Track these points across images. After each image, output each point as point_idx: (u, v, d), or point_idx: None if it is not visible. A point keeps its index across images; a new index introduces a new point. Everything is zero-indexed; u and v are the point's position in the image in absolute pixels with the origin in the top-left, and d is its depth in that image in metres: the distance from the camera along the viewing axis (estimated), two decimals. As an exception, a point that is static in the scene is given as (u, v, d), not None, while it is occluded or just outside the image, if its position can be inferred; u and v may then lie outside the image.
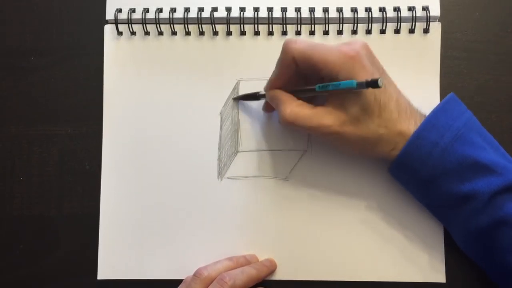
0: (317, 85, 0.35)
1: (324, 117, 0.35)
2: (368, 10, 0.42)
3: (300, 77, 0.37)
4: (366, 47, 0.35)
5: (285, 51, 0.36)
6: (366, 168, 0.42)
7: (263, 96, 0.40)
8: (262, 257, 0.42)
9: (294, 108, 0.36)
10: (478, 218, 0.34)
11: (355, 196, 0.41)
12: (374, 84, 0.31)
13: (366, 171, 0.42)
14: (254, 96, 0.41)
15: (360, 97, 0.34)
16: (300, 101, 0.37)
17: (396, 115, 0.35)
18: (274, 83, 0.38)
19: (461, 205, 0.35)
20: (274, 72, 0.38)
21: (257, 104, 0.43)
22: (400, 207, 0.41)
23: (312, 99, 0.38)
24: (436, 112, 0.35)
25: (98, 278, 0.42)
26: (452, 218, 0.37)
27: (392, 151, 0.36)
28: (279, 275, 0.41)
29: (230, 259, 0.40)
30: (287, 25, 0.42)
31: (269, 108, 0.41)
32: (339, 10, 0.42)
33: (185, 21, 0.43)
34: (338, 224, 0.41)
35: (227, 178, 0.42)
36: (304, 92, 0.38)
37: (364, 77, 0.33)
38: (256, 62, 0.43)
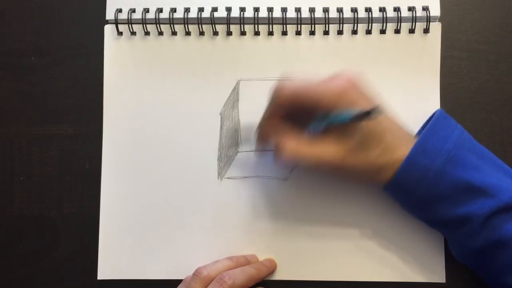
0: (310, 125, 0.36)
1: (323, 153, 0.35)
2: (368, 10, 0.42)
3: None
4: (352, 80, 0.35)
5: (274, 99, 0.36)
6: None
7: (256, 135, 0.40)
8: (262, 257, 0.42)
9: (293, 145, 0.36)
10: (474, 240, 0.34)
11: (355, 196, 0.41)
12: (370, 114, 0.32)
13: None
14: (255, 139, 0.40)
15: (356, 130, 0.34)
16: (296, 135, 0.37)
17: (393, 143, 0.35)
18: (270, 122, 0.38)
19: (457, 227, 0.35)
20: (265, 111, 0.38)
21: (257, 104, 0.43)
22: (400, 207, 0.41)
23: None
24: (425, 136, 0.35)
25: (98, 278, 0.42)
26: (449, 237, 0.38)
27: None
28: (279, 275, 0.41)
29: (230, 258, 0.40)
30: (287, 25, 0.42)
31: (263, 138, 0.40)
32: (339, 10, 0.42)
33: (185, 21, 0.43)
34: (338, 224, 0.41)
35: (227, 178, 0.42)
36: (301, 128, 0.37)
37: (359, 107, 0.33)
38: (256, 62, 0.43)
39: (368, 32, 0.42)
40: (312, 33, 0.43)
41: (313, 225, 0.41)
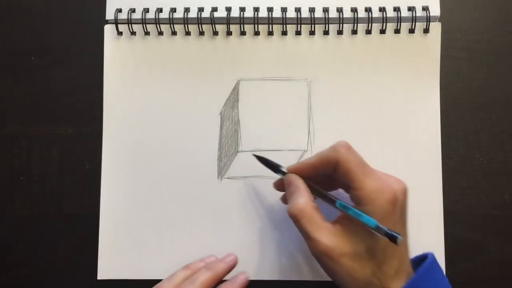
0: (338, 202, 0.34)
1: (327, 236, 0.33)
2: (368, 10, 0.42)
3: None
4: (406, 193, 0.34)
5: (334, 150, 0.34)
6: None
7: (282, 173, 0.37)
8: (261, 257, 0.42)
9: (306, 208, 0.34)
10: None
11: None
12: (392, 238, 0.31)
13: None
14: (273, 167, 0.38)
15: (371, 238, 0.33)
16: (314, 204, 0.35)
17: (393, 272, 0.33)
18: (302, 169, 0.36)
19: None
20: (309, 159, 0.36)
21: (257, 104, 0.43)
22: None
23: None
24: (418, 281, 0.33)
25: (98, 278, 0.42)
26: None
27: None
28: (279, 275, 0.41)
29: (187, 267, 0.40)
30: (287, 25, 0.42)
31: (279, 186, 0.39)
32: (339, 10, 0.42)
33: (185, 21, 0.43)
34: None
35: (227, 178, 0.42)
36: (322, 196, 0.36)
37: (388, 223, 0.32)
38: (256, 62, 0.43)
39: (368, 32, 0.42)
40: (312, 33, 0.43)
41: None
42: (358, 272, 0.33)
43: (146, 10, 0.43)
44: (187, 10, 0.43)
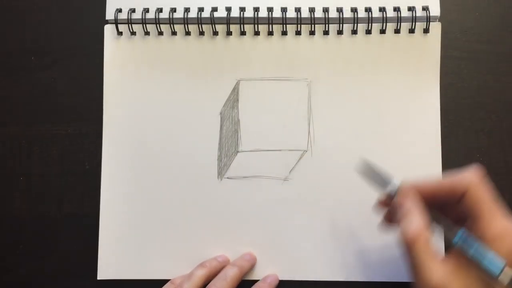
0: (459, 235, 0.30)
1: (441, 272, 0.29)
2: (368, 10, 0.42)
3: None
4: None
5: (466, 177, 0.31)
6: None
7: (392, 188, 0.33)
8: (261, 257, 0.42)
9: (424, 233, 0.30)
10: None
11: (355, 196, 0.41)
12: None
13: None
14: (382, 181, 0.33)
15: (487, 284, 0.29)
16: (431, 231, 0.31)
17: None
18: (420, 189, 0.32)
19: None
20: (431, 180, 0.32)
21: (257, 104, 0.43)
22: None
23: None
24: None
25: (98, 278, 0.42)
26: None
27: None
28: (278, 275, 0.41)
29: (202, 266, 0.40)
30: (287, 25, 0.42)
31: (385, 203, 0.35)
32: (339, 10, 0.42)
33: (185, 21, 0.43)
34: (338, 224, 0.41)
35: (227, 178, 0.42)
36: (440, 225, 0.32)
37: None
38: (256, 62, 0.43)
39: (368, 32, 0.42)
40: (312, 33, 0.43)
41: (313, 225, 0.41)
42: None
43: (146, 10, 0.43)
44: (187, 10, 0.43)
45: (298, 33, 0.43)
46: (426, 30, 0.42)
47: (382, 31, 0.42)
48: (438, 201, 0.32)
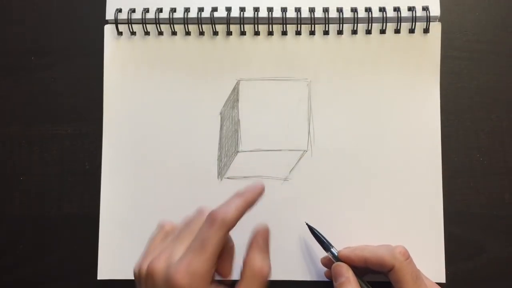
0: None
1: None
2: (368, 10, 0.42)
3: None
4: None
5: (393, 256, 0.35)
6: (366, 169, 0.42)
7: (332, 255, 0.38)
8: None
9: None
10: None
11: (355, 196, 0.41)
12: None
13: (367, 171, 0.42)
14: (324, 244, 0.39)
15: None
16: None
17: None
18: (354, 260, 0.37)
19: None
20: (364, 251, 0.37)
21: (257, 104, 0.43)
22: (401, 208, 0.41)
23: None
24: None
25: (98, 278, 0.42)
26: None
27: None
28: (278, 275, 0.41)
29: (200, 212, 0.36)
30: (287, 25, 0.42)
31: (326, 264, 0.40)
32: (339, 10, 0.42)
33: (185, 21, 0.43)
34: (338, 225, 0.41)
35: (227, 178, 0.42)
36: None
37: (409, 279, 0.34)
38: (256, 62, 0.43)
39: (368, 32, 0.42)
40: (312, 33, 0.43)
41: (313, 225, 0.41)
42: None
43: (146, 10, 0.43)
44: (187, 10, 0.43)
45: (298, 33, 0.43)
46: (426, 30, 0.42)
47: (382, 31, 0.42)
48: (371, 270, 0.37)
